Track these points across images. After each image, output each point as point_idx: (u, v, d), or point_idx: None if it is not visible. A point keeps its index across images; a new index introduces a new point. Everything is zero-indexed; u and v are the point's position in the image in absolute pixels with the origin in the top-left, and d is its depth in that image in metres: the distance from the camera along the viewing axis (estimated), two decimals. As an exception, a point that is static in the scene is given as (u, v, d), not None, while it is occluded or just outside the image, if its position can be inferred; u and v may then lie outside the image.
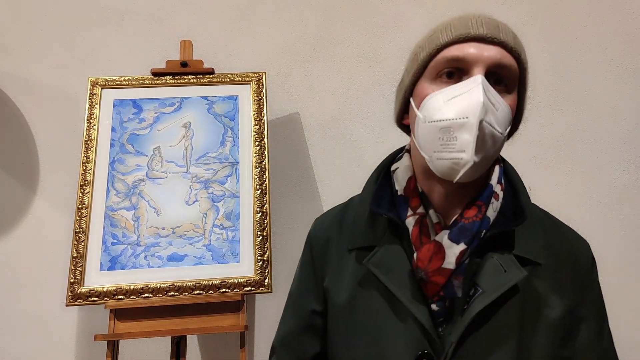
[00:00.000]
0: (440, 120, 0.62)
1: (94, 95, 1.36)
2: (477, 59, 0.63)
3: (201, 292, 1.18)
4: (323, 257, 0.79)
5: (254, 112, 1.37)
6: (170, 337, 1.23)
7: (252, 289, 1.19)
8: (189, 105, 1.37)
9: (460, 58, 0.64)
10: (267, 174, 1.30)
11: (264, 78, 1.41)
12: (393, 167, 0.77)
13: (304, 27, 1.61)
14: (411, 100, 0.71)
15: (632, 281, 1.52)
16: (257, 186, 1.29)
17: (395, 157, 0.80)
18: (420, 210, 0.69)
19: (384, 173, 0.78)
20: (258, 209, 1.27)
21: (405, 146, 0.80)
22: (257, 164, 1.32)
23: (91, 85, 1.37)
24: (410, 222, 0.69)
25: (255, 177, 1.30)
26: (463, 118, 0.60)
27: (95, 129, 1.32)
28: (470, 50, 0.63)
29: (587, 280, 0.73)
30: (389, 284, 0.68)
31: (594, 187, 1.55)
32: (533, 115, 1.58)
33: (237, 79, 1.40)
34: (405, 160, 0.75)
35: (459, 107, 0.61)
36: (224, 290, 1.19)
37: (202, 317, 1.19)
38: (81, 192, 1.26)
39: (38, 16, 1.58)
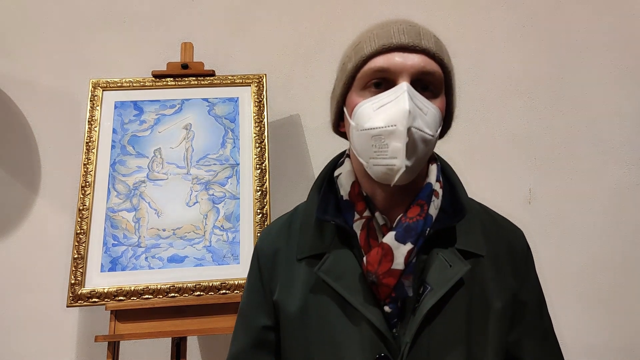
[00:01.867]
0: (371, 129, 0.65)
1: (95, 97, 1.36)
2: (402, 69, 0.65)
3: (201, 293, 1.19)
4: (271, 270, 0.78)
5: (254, 114, 1.37)
6: (170, 338, 1.23)
7: (253, 290, 1.19)
8: (189, 107, 1.38)
9: (385, 69, 0.66)
10: (267, 176, 1.31)
11: (264, 80, 1.41)
12: (336, 173, 0.78)
13: (304, 29, 1.62)
14: (344, 109, 0.73)
15: (632, 281, 1.52)
16: (258, 188, 1.30)
17: (337, 162, 0.82)
18: (367, 213, 0.71)
19: (327, 179, 0.79)
20: (258, 211, 1.27)
21: (345, 151, 0.82)
22: (258, 166, 1.32)
23: (92, 87, 1.38)
24: (357, 226, 0.71)
25: (256, 178, 1.31)
26: (392, 126, 0.62)
27: (96, 131, 1.33)
28: (394, 60, 0.65)
29: (524, 267, 0.76)
30: (340, 290, 0.69)
31: (594, 188, 1.55)
32: (533, 116, 1.58)
33: (238, 80, 1.41)
34: (347, 166, 0.77)
35: (386, 115, 0.63)
36: (224, 291, 1.19)
37: (202, 319, 1.19)
38: (82, 194, 1.26)
39: (40, 19, 1.59)
